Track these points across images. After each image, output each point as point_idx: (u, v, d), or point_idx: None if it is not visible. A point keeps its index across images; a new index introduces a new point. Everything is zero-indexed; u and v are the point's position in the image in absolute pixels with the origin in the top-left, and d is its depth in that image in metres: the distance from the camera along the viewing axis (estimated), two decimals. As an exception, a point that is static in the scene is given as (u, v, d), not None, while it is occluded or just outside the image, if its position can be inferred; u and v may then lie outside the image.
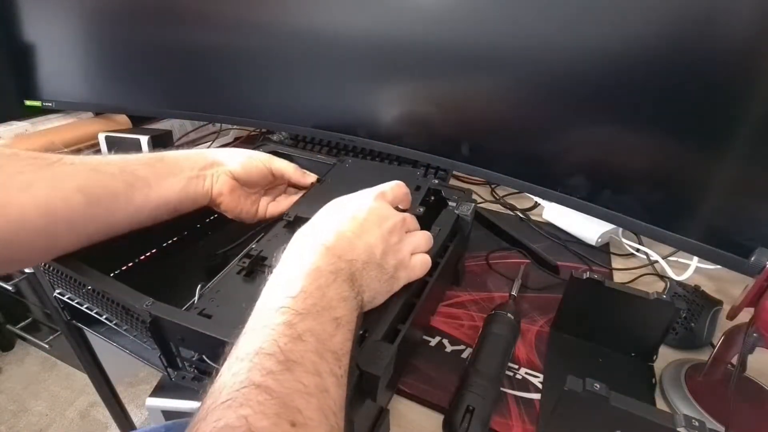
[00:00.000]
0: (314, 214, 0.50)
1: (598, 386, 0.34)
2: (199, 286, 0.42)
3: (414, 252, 0.39)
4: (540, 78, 0.53)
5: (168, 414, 0.78)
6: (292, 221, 0.50)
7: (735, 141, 0.43)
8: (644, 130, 0.48)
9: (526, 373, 0.47)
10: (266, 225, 0.54)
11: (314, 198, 0.55)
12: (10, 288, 0.89)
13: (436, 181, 0.57)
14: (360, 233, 0.35)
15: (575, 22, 0.49)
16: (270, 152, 0.71)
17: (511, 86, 0.57)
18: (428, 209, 0.51)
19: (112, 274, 0.50)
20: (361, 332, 0.35)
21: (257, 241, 0.47)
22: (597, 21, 0.47)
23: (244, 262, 0.44)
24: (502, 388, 0.45)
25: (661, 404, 0.45)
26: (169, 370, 0.41)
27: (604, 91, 0.50)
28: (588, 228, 0.69)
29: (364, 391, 0.32)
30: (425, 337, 0.51)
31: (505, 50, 0.55)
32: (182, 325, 0.35)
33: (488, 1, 0.53)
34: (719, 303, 0.55)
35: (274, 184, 0.56)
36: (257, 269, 0.44)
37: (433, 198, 0.57)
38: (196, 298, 0.41)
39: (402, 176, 0.56)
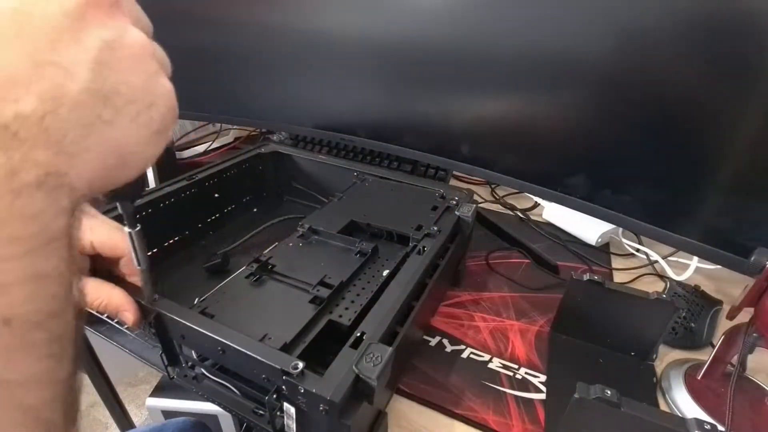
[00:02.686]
0: (328, 226, 0.51)
1: (609, 392, 0.34)
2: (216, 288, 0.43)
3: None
4: (539, 78, 0.53)
5: (168, 414, 0.78)
6: (306, 231, 0.51)
7: (735, 140, 0.43)
8: (644, 130, 0.48)
9: (526, 373, 0.47)
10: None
11: (330, 211, 0.56)
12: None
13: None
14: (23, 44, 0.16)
15: (575, 23, 0.49)
16: (271, 152, 0.71)
17: (510, 86, 0.56)
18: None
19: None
20: (358, 334, 0.35)
21: (270, 249, 0.48)
22: (598, 22, 0.47)
23: (252, 267, 0.44)
24: (501, 388, 0.45)
25: (661, 404, 0.45)
26: (169, 368, 0.41)
27: (604, 91, 0.49)
28: (588, 228, 0.69)
29: (361, 394, 0.32)
30: (425, 337, 0.51)
31: (503, 50, 0.55)
32: (184, 323, 0.35)
33: (486, 2, 0.54)
34: (719, 303, 0.55)
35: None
36: (264, 275, 0.45)
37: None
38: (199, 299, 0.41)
39: (421, 197, 0.58)
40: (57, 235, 0.17)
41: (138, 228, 0.32)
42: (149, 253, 0.54)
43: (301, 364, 0.31)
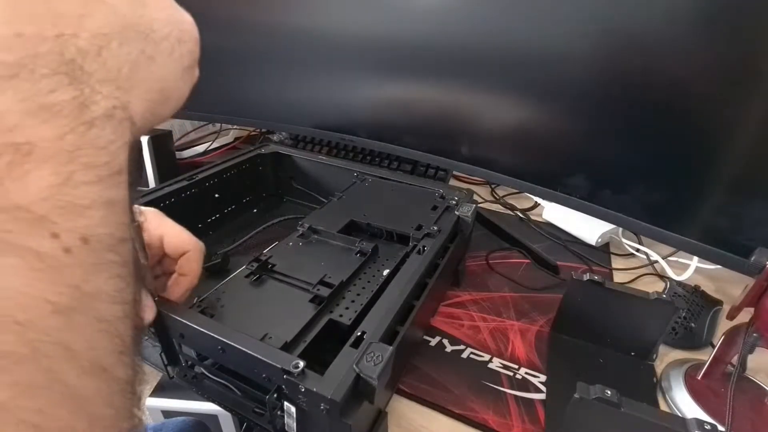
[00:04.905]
0: (328, 226, 0.51)
1: (609, 393, 0.34)
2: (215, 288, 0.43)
3: None
4: (539, 78, 0.53)
5: (168, 414, 0.78)
6: (306, 231, 0.51)
7: (735, 140, 0.43)
8: (644, 130, 0.48)
9: (526, 373, 0.47)
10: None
11: (330, 211, 0.56)
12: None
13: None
14: None
15: (575, 22, 0.49)
16: (271, 153, 0.71)
17: (511, 86, 0.57)
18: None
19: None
20: (358, 334, 0.35)
21: (270, 248, 0.48)
22: (597, 22, 0.47)
23: (252, 266, 0.44)
24: (501, 388, 0.45)
25: (661, 404, 0.45)
26: (168, 368, 0.41)
27: (604, 91, 0.50)
28: (588, 228, 0.69)
29: (361, 393, 0.32)
30: (425, 337, 0.51)
31: (504, 51, 0.55)
32: (184, 322, 0.35)
33: (487, 3, 0.54)
34: (719, 303, 0.55)
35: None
36: (264, 274, 0.45)
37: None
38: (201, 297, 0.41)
39: (421, 197, 0.58)
40: (122, 168, 0.18)
41: (136, 223, 0.32)
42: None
43: (301, 363, 0.31)
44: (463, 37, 0.57)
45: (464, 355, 0.49)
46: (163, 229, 0.39)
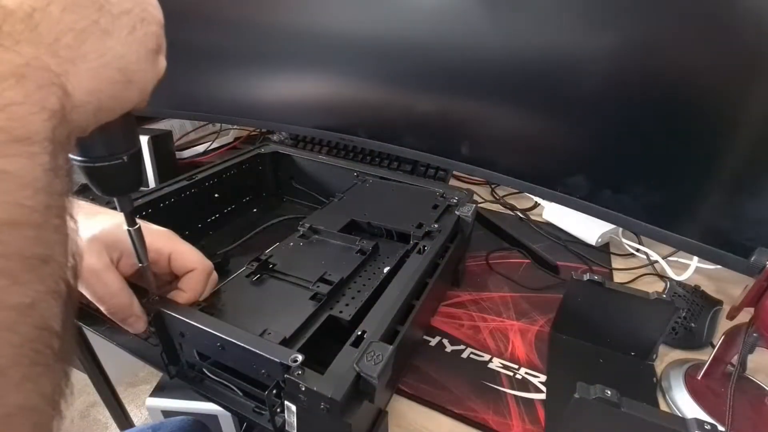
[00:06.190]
0: (328, 225, 0.51)
1: (609, 393, 0.34)
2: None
3: None
4: (539, 79, 0.53)
5: (168, 414, 0.78)
6: (307, 231, 0.51)
7: (735, 140, 0.43)
8: (644, 130, 0.48)
9: (526, 373, 0.47)
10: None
11: (331, 211, 0.56)
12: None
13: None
14: None
15: (574, 25, 0.49)
16: (271, 152, 0.71)
17: (510, 87, 0.57)
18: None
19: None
20: (359, 333, 0.35)
21: (270, 249, 0.49)
22: (595, 24, 0.47)
23: (252, 266, 0.44)
24: (501, 388, 0.45)
25: (661, 404, 0.45)
26: (169, 367, 0.41)
27: (604, 91, 0.50)
28: (588, 228, 0.69)
29: (362, 392, 0.32)
30: (425, 337, 0.51)
31: (504, 51, 0.55)
32: (183, 320, 0.35)
33: (488, 3, 0.54)
34: (719, 303, 0.55)
35: None
36: (265, 274, 0.45)
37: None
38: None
39: (422, 197, 0.58)
40: (30, 137, 0.15)
41: (137, 226, 0.33)
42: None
43: (300, 357, 0.31)
44: (464, 38, 0.57)
45: (464, 355, 0.49)
46: (172, 247, 0.38)
